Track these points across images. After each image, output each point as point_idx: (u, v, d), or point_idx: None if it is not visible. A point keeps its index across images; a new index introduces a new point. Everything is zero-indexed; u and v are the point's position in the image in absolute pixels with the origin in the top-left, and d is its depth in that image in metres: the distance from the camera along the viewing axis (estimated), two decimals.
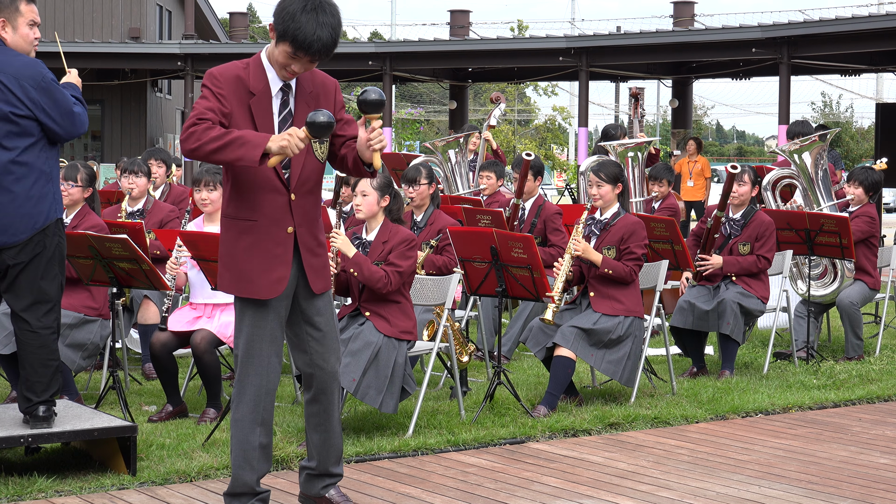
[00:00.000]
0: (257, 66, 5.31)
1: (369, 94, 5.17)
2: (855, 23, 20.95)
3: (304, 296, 5.45)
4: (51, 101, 6.25)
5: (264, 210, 5.29)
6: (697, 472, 6.72)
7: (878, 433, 7.80)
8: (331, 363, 5.53)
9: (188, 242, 7.49)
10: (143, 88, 31.67)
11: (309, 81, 5.41)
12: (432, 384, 8.81)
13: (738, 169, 9.54)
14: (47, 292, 6.30)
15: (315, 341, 5.49)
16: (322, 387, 5.55)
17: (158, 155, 11.03)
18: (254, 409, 5.38)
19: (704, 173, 20.65)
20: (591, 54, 24.13)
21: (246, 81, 5.27)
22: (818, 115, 57.09)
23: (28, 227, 6.22)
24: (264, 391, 5.39)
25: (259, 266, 5.31)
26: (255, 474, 5.43)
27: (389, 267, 7.26)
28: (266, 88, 5.30)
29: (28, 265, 6.23)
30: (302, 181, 5.34)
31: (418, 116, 45.79)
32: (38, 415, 6.27)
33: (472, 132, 14.07)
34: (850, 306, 10.22)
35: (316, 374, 5.52)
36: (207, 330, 7.65)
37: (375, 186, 7.38)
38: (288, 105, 5.35)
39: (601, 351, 8.10)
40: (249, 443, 5.40)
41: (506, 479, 6.53)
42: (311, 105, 5.35)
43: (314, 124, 5.02)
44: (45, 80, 6.26)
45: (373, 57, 25.43)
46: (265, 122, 5.28)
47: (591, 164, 8.63)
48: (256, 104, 5.27)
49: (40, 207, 6.24)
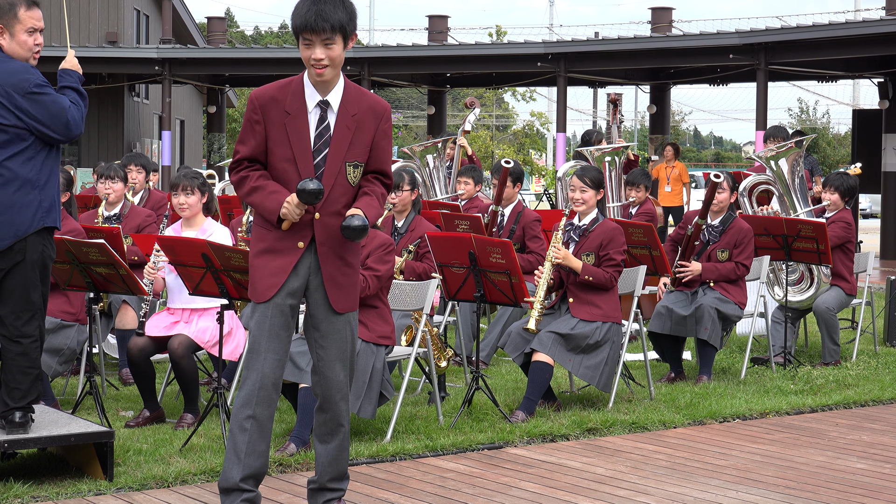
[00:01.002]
0: (298, 85, 5.43)
1: (307, 185, 5.25)
2: (832, 29, 21.03)
3: (320, 314, 5.50)
4: (40, 108, 6.21)
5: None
6: (675, 477, 6.74)
7: (855, 438, 7.83)
8: (335, 372, 5.54)
9: (166, 247, 7.47)
10: (120, 93, 31.58)
11: (355, 103, 5.46)
12: (410, 389, 8.80)
13: (721, 178, 9.56)
14: (29, 300, 6.26)
15: (321, 348, 5.53)
16: (326, 395, 5.57)
17: (137, 160, 10.98)
18: (246, 403, 5.42)
19: (682, 178, 20.72)
20: (569, 60, 24.16)
21: (282, 102, 5.39)
22: (795, 121, 57.28)
23: (9, 235, 6.19)
24: (259, 386, 5.42)
25: (261, 272, 5.42)
26: (241, 468, 5.41)
27: (367, 271, 7.25)
28: (302, 106, 5.39)
29: (9, 272, 6.20)
30: (330, 201, 5.40)
31: (396, 122, 45.79)
32: (15, 420, 6.24)
33: (448, 138, 14.10)
34: (826, 312, 10.26)
35: (321, 381, 5.56)
36: (185, 335, 7.64)
37: None
38: (326, 120, 5.41)
39: (579, 356, 8.11)
40: (239, 434, 5.43)
41: (484, 484, 6.52)
42: (351, 128, 5.42)
43: (303, 192, 5.21)
44: (31, 86, 6.22)
45: (351, 62, 25.39)
46: (299, 139, 5.37)
47: (575, 169, 8.61)
48: (291, 123, 5.38)
49: (23, 215, 6.21)
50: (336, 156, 5.40)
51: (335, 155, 5.39)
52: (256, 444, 5.46)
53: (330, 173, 5.39)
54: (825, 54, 21.62)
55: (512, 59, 24.99)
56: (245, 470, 5.43)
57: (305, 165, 5.36)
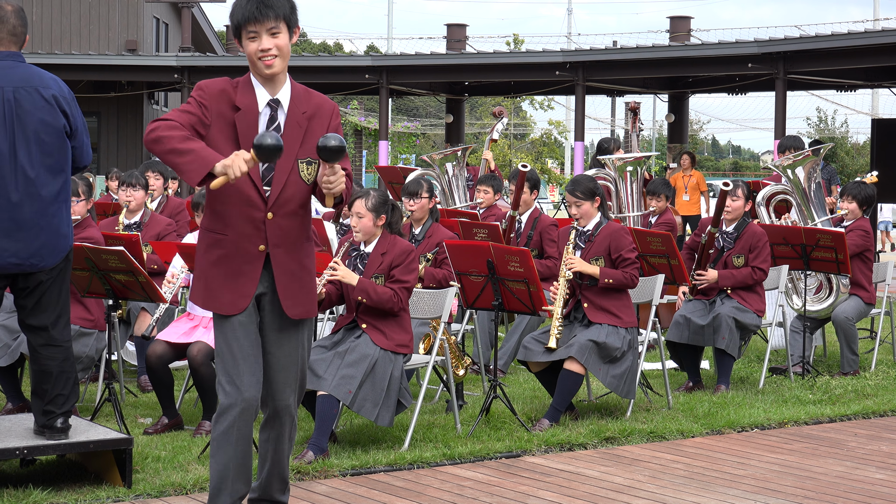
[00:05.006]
0: (246, 84, 5.22)
1: (329, 141, 4.88)
2: (851, 38, 20.99)
3: (272, 319, 5.28)
4: (81, 118, 6.34)
5: (236, 225, 5.15)
6: (693, 486, 6.72)
7: (874, 448, 7.80)
8: (284, 396, 5.33)
9: (185, 254, 7.49)
10: (139, 101, 31.69)
11: (304, 101, 5.28)
12: (428, 397, 8.81)
13: (730, 186, 9.55)
14: (66, 306, 6.38)
15: (271, 369, 5.32)
16: (273, 415, 5.38)
17: (156, 167, 11.03)
18: (226, 436, 5.20)
19: (700, 187, 20.67)
20: (588, 69, 24.17)
21: (232, 96, 5.17)
22: (813, 130, 57.15)
23: (65, 248, 6.30)
24: (240, 419, 5.19)
25: (224, 281, 5.18)
26: (229, 495, 5.26)
27: (396, 284, 7.26)
28: (252, 103, 5.18)
29: (54, 281, 6.29)
30: (283, 201, 5.17)
31: (415, 130, 45.76)
32: (57, 426, 6.27)
33: (468, 147, 14.15)
34: (845, 321, 10.24)
35: (268, 402, 5.36)
36: (204, 342, 7.65)
37: (370, 207, 7.38)
38: (276, 120, 5.21)
39: (606, 365, 8.12)
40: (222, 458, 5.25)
41: (502, 493, 6.52)
42: (302, 125, 5.22)
43: (261, 147, 4.75)
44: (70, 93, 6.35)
45: (369, 70, 25.47)
46: (249, 137, 5.09)
47: (567, 186, 8.62)
48: (241, 119, 5.16)
49: (68, 230, 6.33)
50: (288, 154, 5.15)
51: (287, 153, 5.13)
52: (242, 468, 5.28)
53: (282, 171, 5.14)
54: (844, 63, 21.58)
55: (530, 68, 25.01)
56: (233, 496, 5.27)
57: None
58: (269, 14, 5.11)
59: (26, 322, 6.30)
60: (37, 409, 6.34)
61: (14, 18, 6.22)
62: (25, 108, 6.11)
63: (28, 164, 6.11)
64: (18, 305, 6.33)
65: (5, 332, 7.92)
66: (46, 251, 6.18)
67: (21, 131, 6.09)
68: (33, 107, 6.13)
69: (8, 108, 6.09)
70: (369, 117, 38.59)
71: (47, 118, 6.15)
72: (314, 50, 57.28)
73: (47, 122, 6.15)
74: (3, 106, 6.09)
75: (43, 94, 6.16)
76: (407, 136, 42.98)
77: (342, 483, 6.61)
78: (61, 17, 32.50)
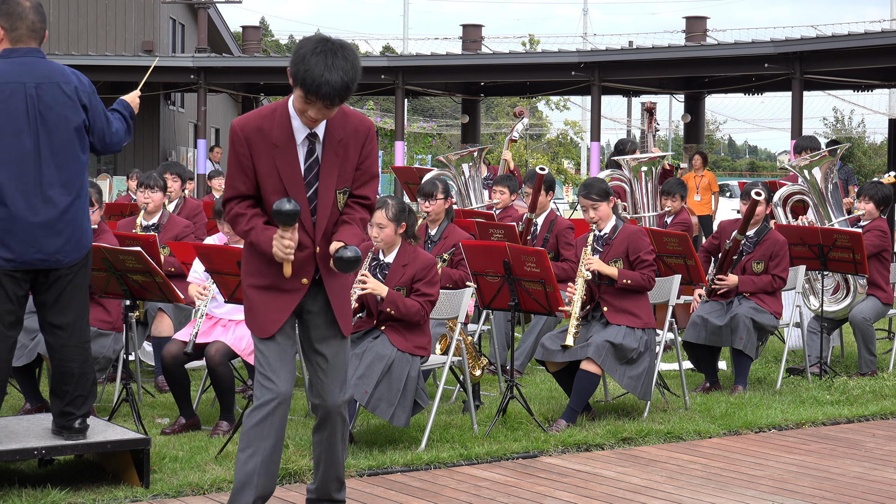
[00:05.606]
0: (283, 115, 5.27)
1: (345, 252, 5.18)
2: (867, 38, 20.93)
3: (324, 333, 5.45)
4: (101, 110, 6.34)
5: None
6: (710, 487, 6.71)
7: (892, 449, 7.78)
8: (335, 398, 5.49)
9: (202, 255, 7.50)
10: (156, 101, 31.77)
11: (339, 128, 5.32)
12: (445, 398, 8.81)
13: (761, 196, 9.47)
14: (86, 305, 6.40)
15: (322, 373, 5.47)
16: (324, 417, 5.53)
17: (173, 169, 11.04)
18: (261, 432, 5.38)
19: (712, 187, 20.63)
20: (604, 69, 24.14)
21: (269, 133, 5.24)
22: (830, 130, 57.04)
23: (87, 244, 6.32)
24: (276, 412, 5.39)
25: (265, 310, 5.36)
26: (253, 490, 5.38)
27: (422, 298, 7.30)
28: (290, 138, 5.25)
29: (74, 278, 6.29)
30: (326, 232, 5.35)
31: (430, 130, 45.77)
32: (75, 427, 6.29)
33: (484, 147, 14.14)
34: (862, 322, 10.21)
35: (319, 404, 5.51)
36: (222, 342, 7.66)
37: (391, 217, 7.39)
38: (314, 153, 5.29)
39: (623, 366, 8.11)
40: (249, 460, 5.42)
41: (518, 493, 6.52)
42: (339, 154, 5.30)
43: (279, 213, 5.09)
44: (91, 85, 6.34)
45: (385, 71, 25.48)
46: (289, 172, 5.24)
47: (579, 191, 8.60)
48: (280, 156, 5.24)
49: (88, 226, 6.35)
50: (327, 186, 5.29)
51: (326, 185, 5.29)
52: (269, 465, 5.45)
53: (324, 205, 5.29)
54: (861, 63, 21.52)
55: (546, 68, 25.00)
56: (256, 493, 5.39)
57: (298, 198, 5.24)
58: (336, 102, 5.15)
59: (47, 320, 6.31)
60: (55, 409, 6.36)
61: (33, 14, 6.23)
62: (48, 104, 6.13)
63: (51, 160, 6.13)
64: (38, 303, 6.33)
65: (23, 331, 7.92)
66: (70, 247, 6.19)
67: (44, 127, 6.11)
68: (55, 102, 6.14)
69: (31, 103, 6.11)
70: (385, 118, 38.62)
71: (69, 114, 6.17)
72: None
73: (69, 118, 6.17)
74: (27, 102, 6.10)
75: (64, 89, 6.17)
76: (423, 136, 42.99)
77: (359, 483, 6.62)
78: (78, 19, 32.60)
